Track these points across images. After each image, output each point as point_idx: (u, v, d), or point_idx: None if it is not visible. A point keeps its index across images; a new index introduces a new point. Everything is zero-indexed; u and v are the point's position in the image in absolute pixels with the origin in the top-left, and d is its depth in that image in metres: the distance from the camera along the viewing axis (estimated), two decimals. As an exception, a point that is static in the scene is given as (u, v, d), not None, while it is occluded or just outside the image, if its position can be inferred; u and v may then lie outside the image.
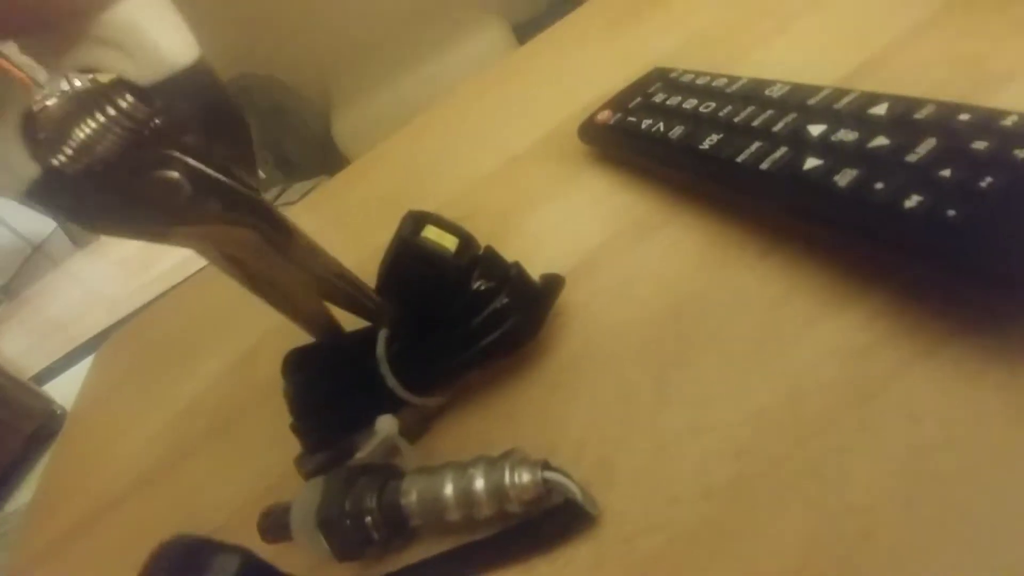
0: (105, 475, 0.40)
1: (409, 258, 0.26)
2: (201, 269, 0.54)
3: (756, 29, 0.38)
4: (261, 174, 2.10)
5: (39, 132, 0.20)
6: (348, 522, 0.22)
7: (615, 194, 0.32)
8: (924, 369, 0.19)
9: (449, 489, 0.21)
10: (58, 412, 2.05)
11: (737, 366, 0.22)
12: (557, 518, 0.20)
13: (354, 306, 0.26)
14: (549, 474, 0.20)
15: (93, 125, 0.19)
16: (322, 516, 0.22)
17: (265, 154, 2.07)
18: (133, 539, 0.25)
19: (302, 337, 0.27)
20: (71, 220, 0.21)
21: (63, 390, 2.17)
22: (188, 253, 0.26)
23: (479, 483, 0.21)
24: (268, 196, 2.11)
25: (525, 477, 0.20)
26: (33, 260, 3.60)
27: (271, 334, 0.39)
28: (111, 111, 0.19)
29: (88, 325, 2.59)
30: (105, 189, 0.20)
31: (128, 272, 2.90)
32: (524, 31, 1.65)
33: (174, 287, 0.59)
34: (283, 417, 0.27)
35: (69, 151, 0.19)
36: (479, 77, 0.57)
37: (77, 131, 0.19)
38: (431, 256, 0.25)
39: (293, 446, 0.27)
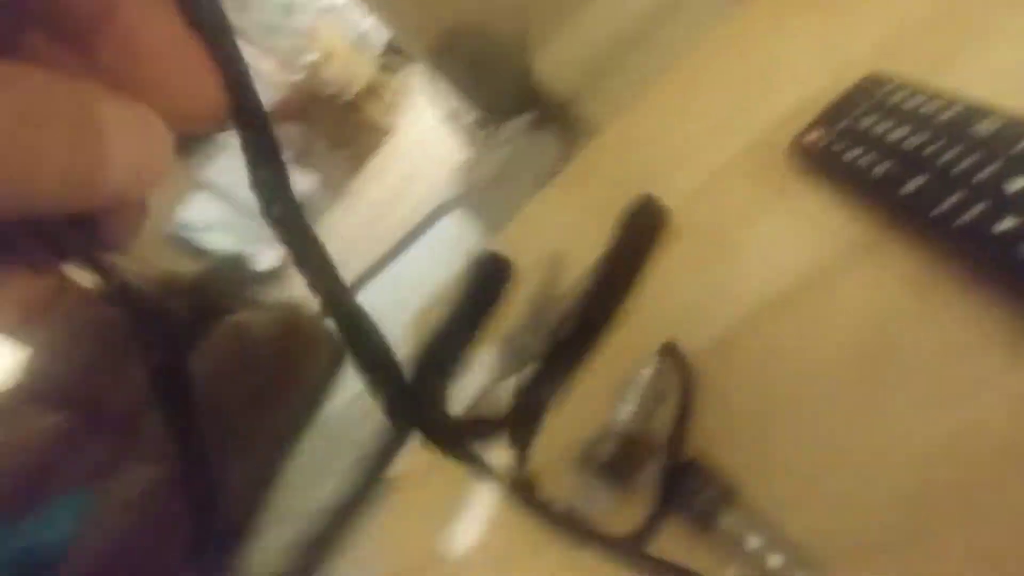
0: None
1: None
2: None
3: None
4: (471, 118, 2.24)
5: None
6: None
7: (821, 216, 0.35)
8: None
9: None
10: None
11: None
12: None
13: None
14: None
15: None
16: None
17: (471, 101, 2.21)
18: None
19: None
20: None
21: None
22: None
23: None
24: (480, 137, 2.26)
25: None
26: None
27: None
28: None
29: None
30: None
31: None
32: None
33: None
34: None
35: None
36: (691, 58, 0.60)
37: None
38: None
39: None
